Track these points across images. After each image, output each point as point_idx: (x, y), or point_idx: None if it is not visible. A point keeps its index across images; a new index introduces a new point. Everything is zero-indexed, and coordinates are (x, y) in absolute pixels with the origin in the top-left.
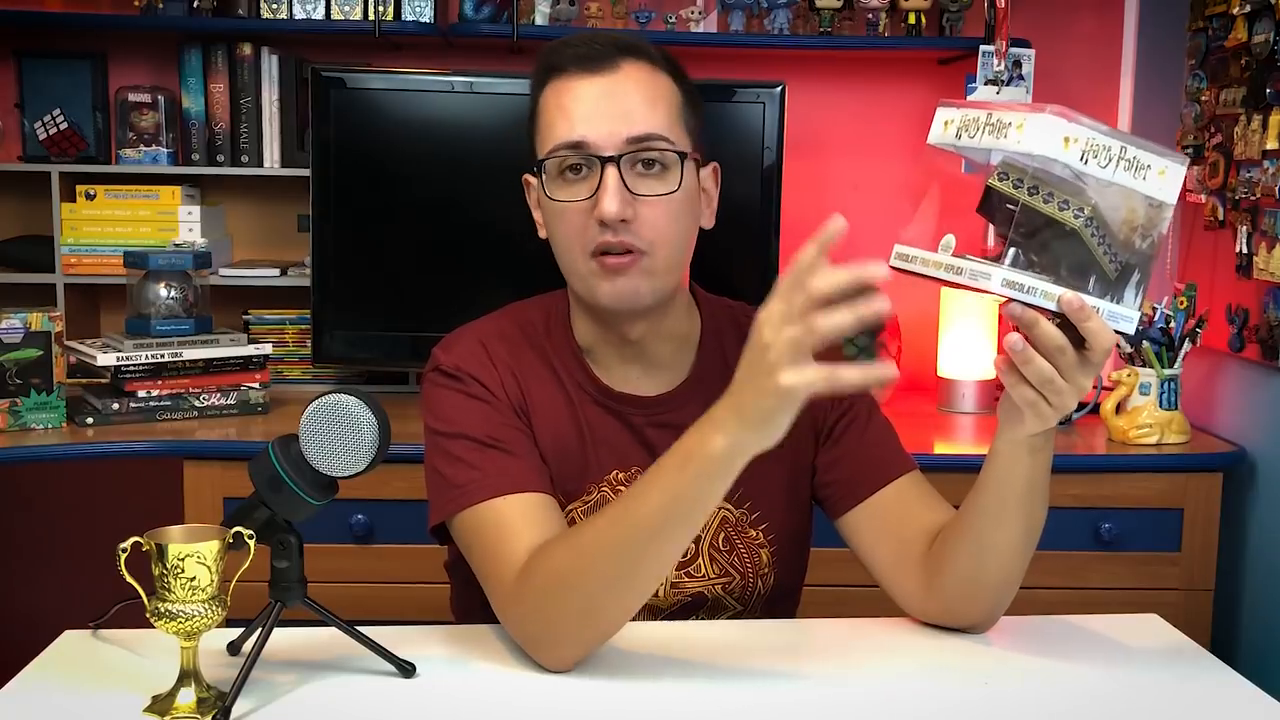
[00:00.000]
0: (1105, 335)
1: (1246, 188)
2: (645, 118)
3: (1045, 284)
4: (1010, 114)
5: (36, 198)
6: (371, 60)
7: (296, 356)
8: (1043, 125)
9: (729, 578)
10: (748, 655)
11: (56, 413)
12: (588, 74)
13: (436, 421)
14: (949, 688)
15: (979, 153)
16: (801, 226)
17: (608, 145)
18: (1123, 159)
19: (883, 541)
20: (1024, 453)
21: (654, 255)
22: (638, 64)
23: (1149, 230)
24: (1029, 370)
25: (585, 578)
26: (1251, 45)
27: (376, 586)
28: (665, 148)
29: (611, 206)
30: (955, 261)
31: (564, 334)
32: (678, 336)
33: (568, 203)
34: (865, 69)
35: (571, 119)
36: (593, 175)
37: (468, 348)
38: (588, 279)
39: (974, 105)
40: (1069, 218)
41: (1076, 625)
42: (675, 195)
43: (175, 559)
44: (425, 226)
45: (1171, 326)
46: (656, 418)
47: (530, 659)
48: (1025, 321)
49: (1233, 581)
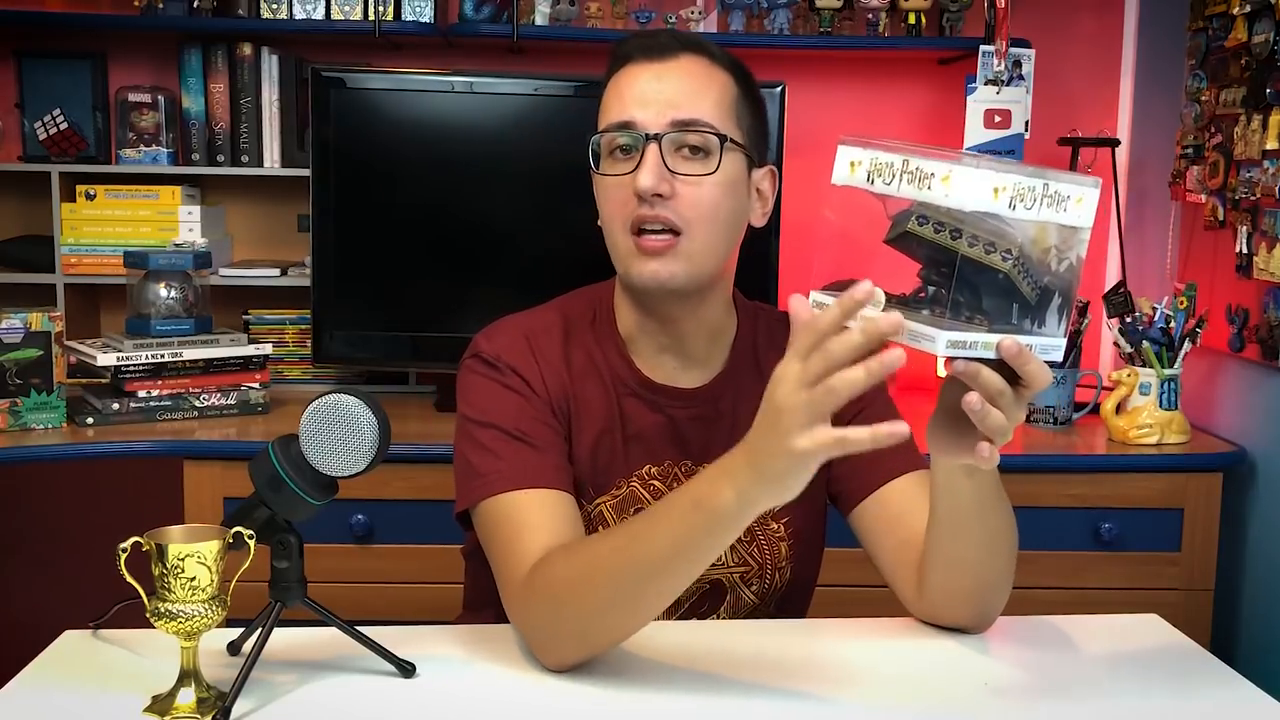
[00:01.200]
0: (1043, 374)
1: (1246, 188)
2: (692, 103)
3: (982, 335)
4: (930, 163)
5: (36, 198)
6: (371, 60)
7: (296, 356)
8: (971, 179)
9: (747, 567)
10: (750, 655)
11: (56, 413)
12: (647, 61)
13: (469, 408)
14: (949, 688)
15: (892, 200)
16: (801, 227)
17: (653, 125)
18: (1045, 196)
19: (885, 537)
20: (962, 476)
21: (691, 235)
22: (696, 57)
23: (1064, 253)
24: (984, 423)
25: (585, 598)
26: (1251, 45)
27: (376, 586)
28: (706, 131)
29: (647, 179)
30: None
31: (608, 324)
32: (714, 330)
33: (612, 175)
34: (865, 69)
35: (624, 100)
36: (638, 154)
37: (511, 339)
38: (626, 257)
39: (881, 146)
40: (998, 262)
41: (1076, 625)
42: (714, 176)
43: (175, 559)
44: (425, 226)
45: (1171, 326)
46: (692, 410)
47: (532, 658)
48: (969, 374)
49: (1233, 581)
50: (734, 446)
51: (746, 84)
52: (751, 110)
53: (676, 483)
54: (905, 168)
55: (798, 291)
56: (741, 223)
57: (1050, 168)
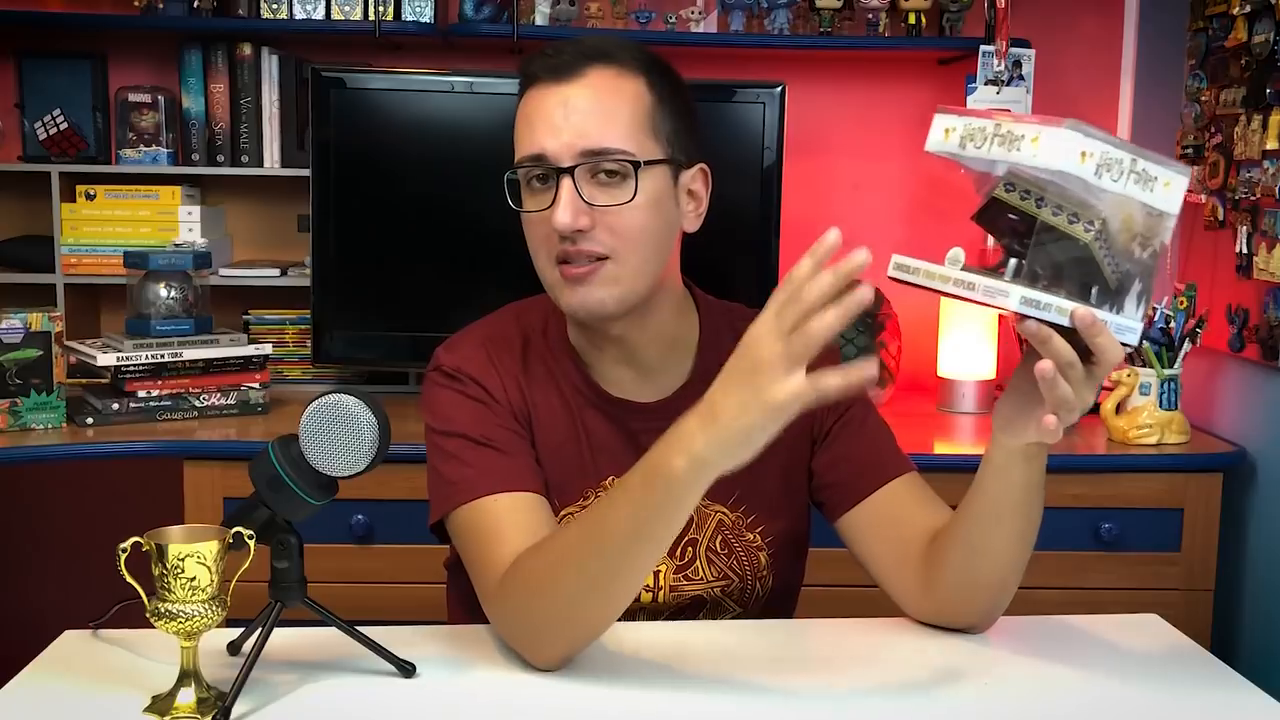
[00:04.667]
0: (1114, 349)
1: (1246, 188)
2: (600, 130)
3: (1059, 300)
4: (1022, 126)
5: (36, 198)
6: (371, 60)
7: (296, 356)
8: (1059, 138)
9: (728, 580)
10: (747, 655)
11: (56, 413)
12: (553, 83)
13: (434, 420)
14: (949, 688)
15: (982, 163)
16: (801, 227)
17: (564, 157)
18: (1133, 171)
19: (880, 542)
20: (1019, 460)
21: (619, 260)
22: (604, 71)
23: (1149, 239)
24: (1053, 393)
25: (557, 587)
26: (1251, 45)
27: (376, 586)
28: (619, 159)
29: (564, 218)
30: (967, 276)
31: (560, 337)
32: (668, 338)
33: (532, 212)
34: (865, 69)
35: (534, 131)
36: (553, 186)
37: (470, 349)
38: (555, 288)
39: (975, 114)
40: (1080, 231)
41: (1076, 625)
42: (633, 203)
43: (175, 559)
44: (425, 227)
45: (1171, 326)
46: (654, 424)
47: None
48: (1040, 337)
49: (1233, 581)
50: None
51: (665, 83)
52: (673, 111)
53: None
54: (998, 130)
55: None
56: (673, 234)
57: (1146, 149)
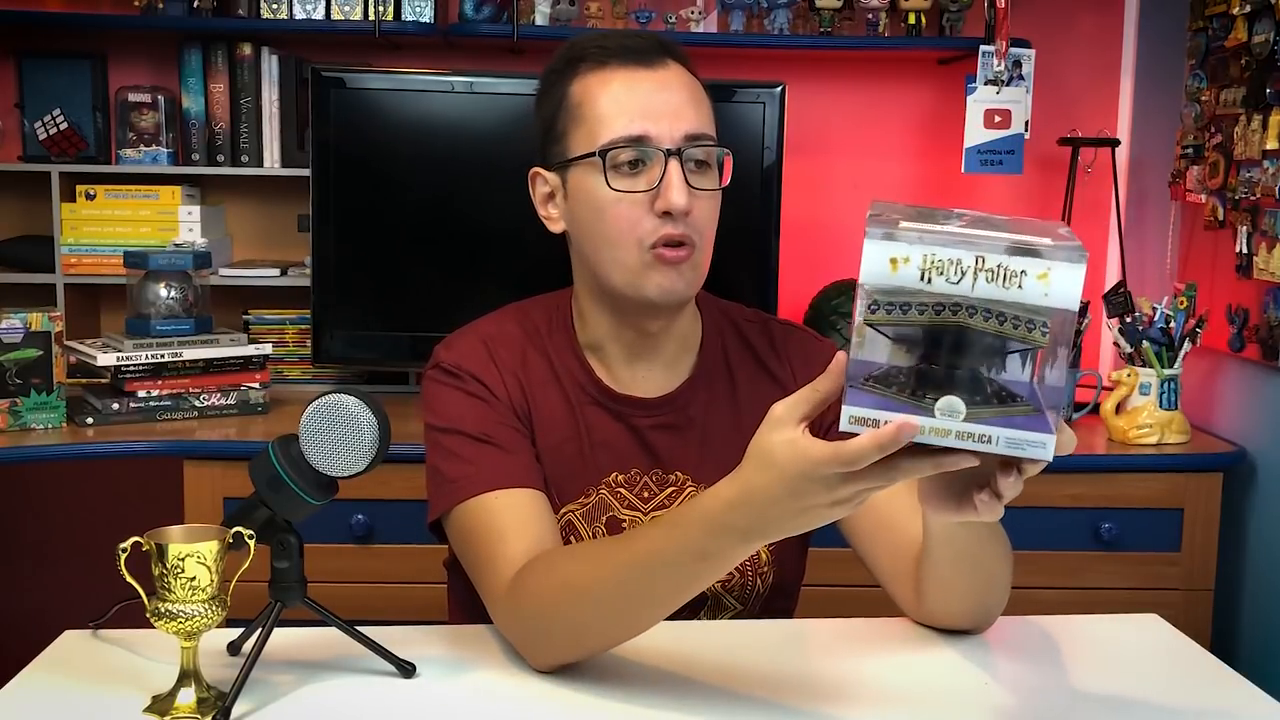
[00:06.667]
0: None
1: (1246, 188)
2: (696, 116)
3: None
4: (1018, 260)
5: (36, 198)
6: (371, 60)
7: (296, 356)
8: (1071, 274)
9: (729, 576)
10: (748, 655)
11: (56, 413)
12: (639, 67)
13: (434, 417)
14: (949, 688)
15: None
16: (801, 227)
17: (667, 140)
18: (982, 270)
19: (877, 546)
20: (958, 527)
21: (701, 250)
22: (678, 64)
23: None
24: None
25: (574, 613)
26: (1251, 45)
27: (376, 586)
28: (713, 145)
29: (681, 199)
30: (977, 428)
31: (566, 335)
32: (683, 336)
33: (627, 193)
34: (865, 69)
35: (630, 112)
36: (651, 169)
37: (470, 347)
38: (639, 271)
39: (922, 231)
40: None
41: (1076, 625)
42: (718, 192)
43: (175, 559)
44: (425, 226)
45: (1171, 326)
46: (656, 419)
47: None
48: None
49: (1233, 581)
50: (730, 498)
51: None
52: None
53: (646, 490)
54: (980, 267)
55: (796, 290)
56: None
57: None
